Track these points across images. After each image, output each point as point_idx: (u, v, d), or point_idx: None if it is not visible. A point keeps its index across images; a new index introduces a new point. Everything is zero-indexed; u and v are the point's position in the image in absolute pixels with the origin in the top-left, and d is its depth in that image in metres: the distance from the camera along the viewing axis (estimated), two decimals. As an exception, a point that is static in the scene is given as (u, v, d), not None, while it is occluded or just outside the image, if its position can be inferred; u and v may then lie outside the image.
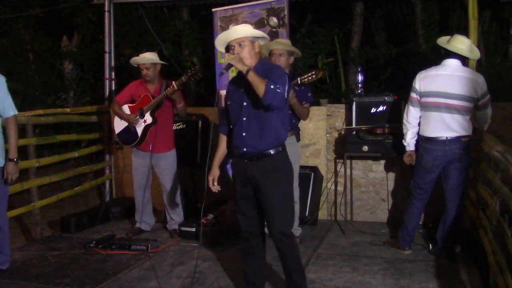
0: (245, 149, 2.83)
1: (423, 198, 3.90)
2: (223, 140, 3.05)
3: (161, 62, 4.48)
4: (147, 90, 4.45)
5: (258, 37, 2.88)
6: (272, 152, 2.83)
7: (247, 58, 2.80)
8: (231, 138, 2.96)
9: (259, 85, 2.66)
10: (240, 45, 2.81)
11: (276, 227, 2.84)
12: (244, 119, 2.83)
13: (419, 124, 3.83)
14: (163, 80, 4.48)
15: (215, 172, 2.99)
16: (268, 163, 2.83)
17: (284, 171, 2.91)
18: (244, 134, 2.83)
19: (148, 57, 4.39)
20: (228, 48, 2.88)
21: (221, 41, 2.90)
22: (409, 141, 3.89)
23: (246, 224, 2.94)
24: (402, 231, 3.98)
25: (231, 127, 2.95)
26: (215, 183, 2.98)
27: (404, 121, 3.89)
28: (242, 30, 2.83)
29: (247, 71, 2.69)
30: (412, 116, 3.82)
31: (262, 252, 3.04)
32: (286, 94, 2.76)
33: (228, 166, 3.03)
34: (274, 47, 4.03)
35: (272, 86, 2.66)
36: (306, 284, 2.97)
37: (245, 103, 2.83)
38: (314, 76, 3.98)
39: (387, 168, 4.84)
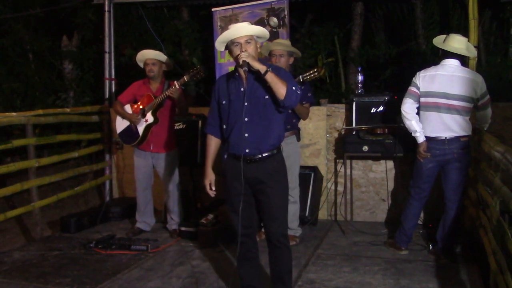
0: (247, 150, 2.74)
1: (422, 198, 3.89)
2: (213, 142, 2.92)
3: (168, 62, 4.50)
4: (150, 90, 4.46)
5: (260, 37, 2.81)
6: (275, 153, 2.80)
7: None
8: (223, 140, 2.88)
9: (280, 86, 2.62)
10: (247, 42, 2.71)
11: (279, 229, 2.81)
12: (246, 119, 2.72)
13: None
14: (165, 80, 4.49)
15: (212, 176, 2.90)
16: (271, 164, 2.78)
17: (284, 172, 2.88)
18: (246, 135, 2.73)
19: (157, 53, 4.43)
20: (228, 47, 2.77)
21: (224, 39, 2.77)
22: (419, 129, 3.69)
23: (243, 226, 2.83)
24: (399, 230, 3.99)
25: (225, 127, 2.83)
26: (213, 187, 2.90)
27: (403, 112, 3.74)
28: (249, 28, 2.73)
29: (266, 71, 2.62)
30: (409, 107, 3.72)
31: (257, 253, 2.99)
32: None
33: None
34: (274, 48, 4.03)
35: (294, 88, 2.64)
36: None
37: (246, 103, 2.72)
38: (316, 74, 3.98)
39: (387, 168, 4.83)
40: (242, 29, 2.71)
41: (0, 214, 4.31)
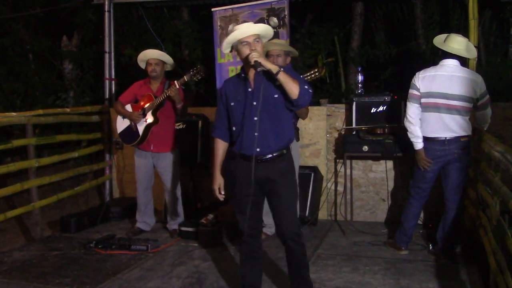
0: (258, 150, 2.73)
1: (422, 198, 3.89)
2: (221, 145, 2.91)
3: (171, 62, 4.50)
4: (150, 90, 4.46)
5: (263, 37, 2.82)
6: (285, 152, 2.82)
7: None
8: (230, 142, 2.89)
9: (293, 85, 2.63)
10: (256, 41, 2.72)
11: (293, 227, 2.82)
12: (256, 119, 2.70)
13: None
14: (166, 80, 4.49)
15: (221, 180, 2.89)
16: (283, 163, 2.80)
17: (294, 171, 2.91)
18: (256, 134, 2.71)
19: (160, 53, 4.44)
20: (235, 47, 2.78)
21: (232, 40, 2.76)
22: (421, 135, 3.69)
23: (249, 227, 2.83)
24: (399, 230, 3.99)
25: (234, 128, 2.83)
26: (222, 192, 2.89)
27: (408, 117, 3.73)
28: (256, 27, 2.76)
29: (278, 71, 2.63)
30: (414, 112, 3.71)
31: (261, 254, 3.01)
32: None
33: None
34: (271, 48, 4.02)
35: (306, 86, 2.67)
36: (311, 280, 2.97)
37: (255, 103, 2.71)
38: (317, 74, 3.98)
39: (387, 168, 4.83)
40: (250, 28, 2.73)
41: (0, 214, 4.31)
